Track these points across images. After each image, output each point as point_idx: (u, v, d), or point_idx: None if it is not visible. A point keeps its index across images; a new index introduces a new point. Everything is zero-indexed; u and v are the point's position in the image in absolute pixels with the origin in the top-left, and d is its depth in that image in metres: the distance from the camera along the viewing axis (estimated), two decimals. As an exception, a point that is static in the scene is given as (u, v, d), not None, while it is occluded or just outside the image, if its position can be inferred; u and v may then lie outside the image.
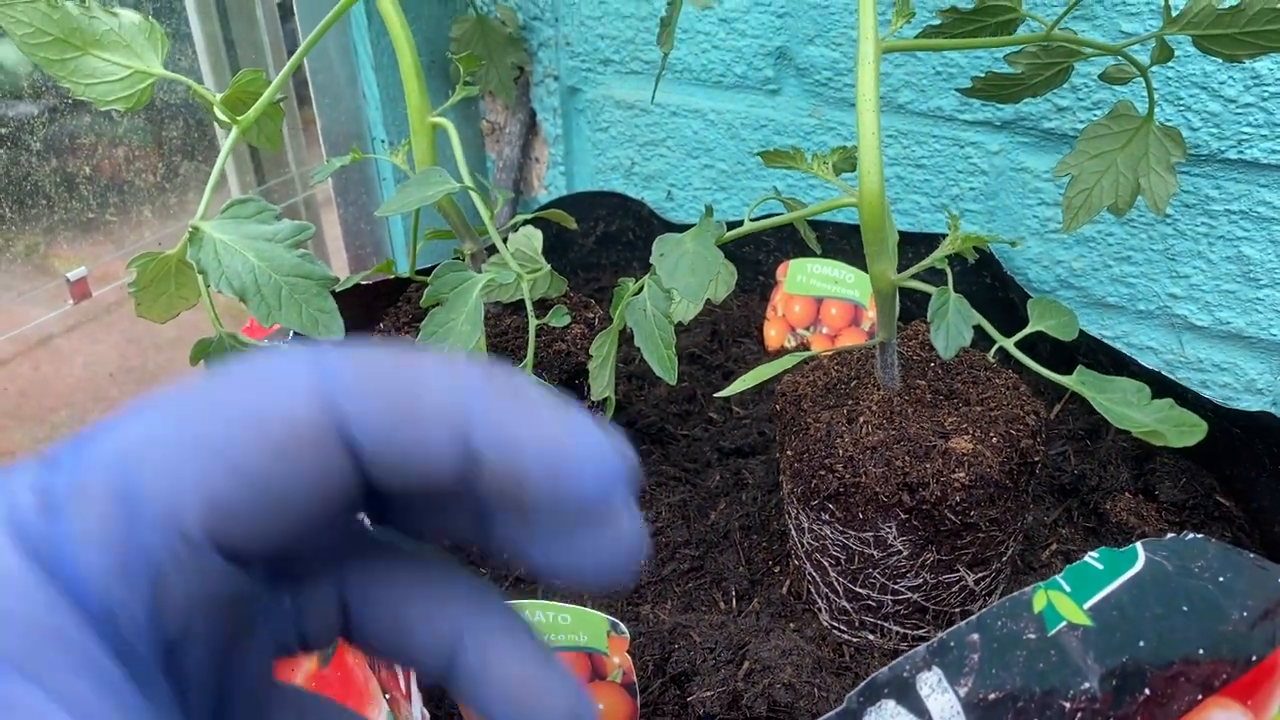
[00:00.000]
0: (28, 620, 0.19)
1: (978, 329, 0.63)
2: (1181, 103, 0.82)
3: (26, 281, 0.92)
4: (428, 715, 0.52)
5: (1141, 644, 0.50)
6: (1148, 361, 0.92)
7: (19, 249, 0.91)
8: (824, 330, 1.00)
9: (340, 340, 0.58)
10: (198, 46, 1.00)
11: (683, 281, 0.62)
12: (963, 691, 0.47)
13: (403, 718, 0.58)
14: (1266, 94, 0.78)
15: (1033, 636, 0.49)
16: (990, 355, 0.64)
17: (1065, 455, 0.84)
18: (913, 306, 0.97)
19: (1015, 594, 0.50)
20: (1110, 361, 0.84)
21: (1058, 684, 0.48)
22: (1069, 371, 0.63)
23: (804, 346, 1.00)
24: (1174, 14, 0.64)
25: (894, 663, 0.46)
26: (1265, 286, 0.84)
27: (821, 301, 1.00)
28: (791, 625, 0.71)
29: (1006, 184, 0.92)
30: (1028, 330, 0.62)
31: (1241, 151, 0.81)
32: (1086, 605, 0.51)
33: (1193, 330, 0.89)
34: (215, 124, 0.98)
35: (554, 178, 1.18)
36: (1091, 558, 0.53)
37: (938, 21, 0.70)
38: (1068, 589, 0.51)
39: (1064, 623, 0.50)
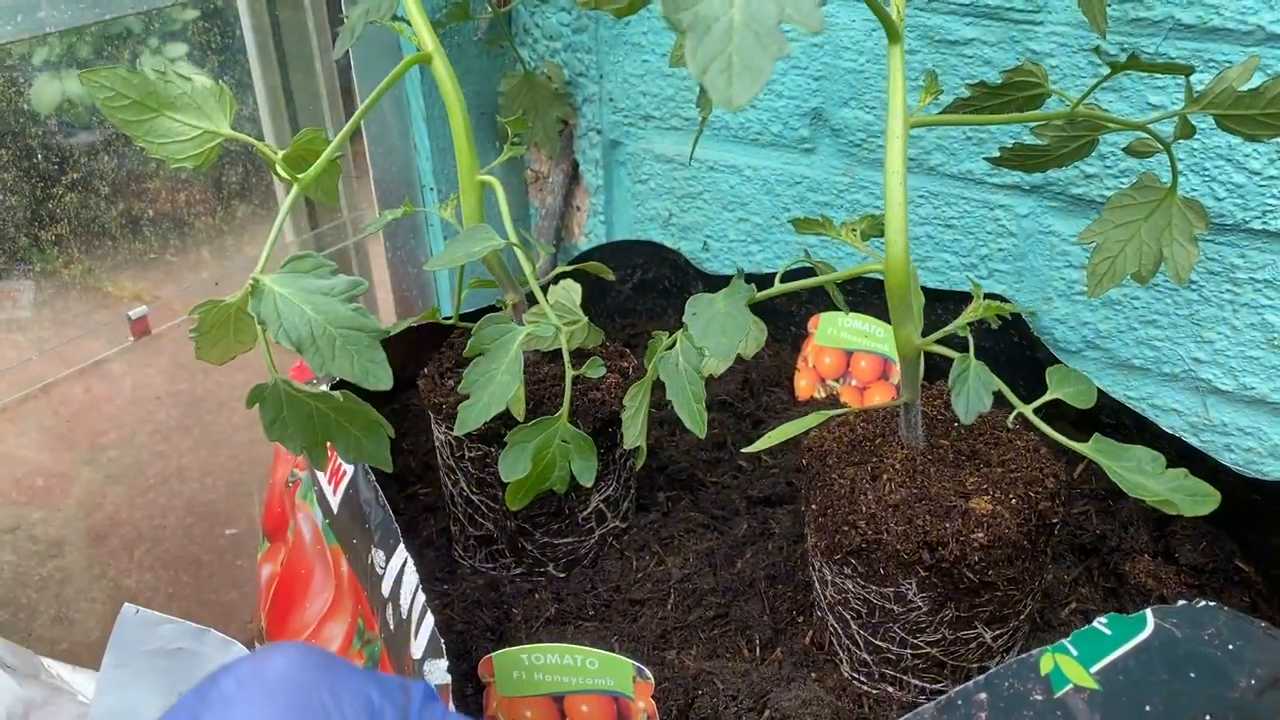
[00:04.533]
0: None
1: (1000, 393, 0.65)
2: (1207, 173, 0.84)
3: (89, 317, 0.96)
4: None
5: (1148, 709, 0.52)
6: (1172, 424, 0.93)
7: (82, 286, 0.95)
8: (853, 382, 1.02)
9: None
10: (259, 96, 1.05)
11: (714, 341, 0.65)
12: (970, 749, 0.49)
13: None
14: (1291, 168, 0.80)
15: (1039, 698, 0.51)
16: (1010, 420, 0.66)
17: (1087, 515, 0.85)
18: (940, 363, 0.99)
19: (1023, 656, 0.52)
20: (1133, 424, 0.86)
21: (1064, 745, 0.50)
22: (1091, 432, 0.65)
23: (833, 398, 1.03)
24: (1196, 94, 0.67)
25: (903, 718, 0.48)
26: (1289, 354, 0.85)
27: (851, 354, 1.02)
28: (813, 675, 0.73)
29: (1035, 246, 0.95)
30: (1045, 399, 0.65)
31: (1266, 222, 0.83)
32: (1094, 669, 0.52)
33: (1217, 394, 0.90)
34: (274, 175, 1.03)
35: (594, 226, 1.22)
36: (1100, 623, 0.55)
37: (967, 94, 0.73)
38: (1075, 653, 0.53)
39: (1070, 685, 0.52)
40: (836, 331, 1.03)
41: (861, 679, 0.72)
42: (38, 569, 1.02)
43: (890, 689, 0.71)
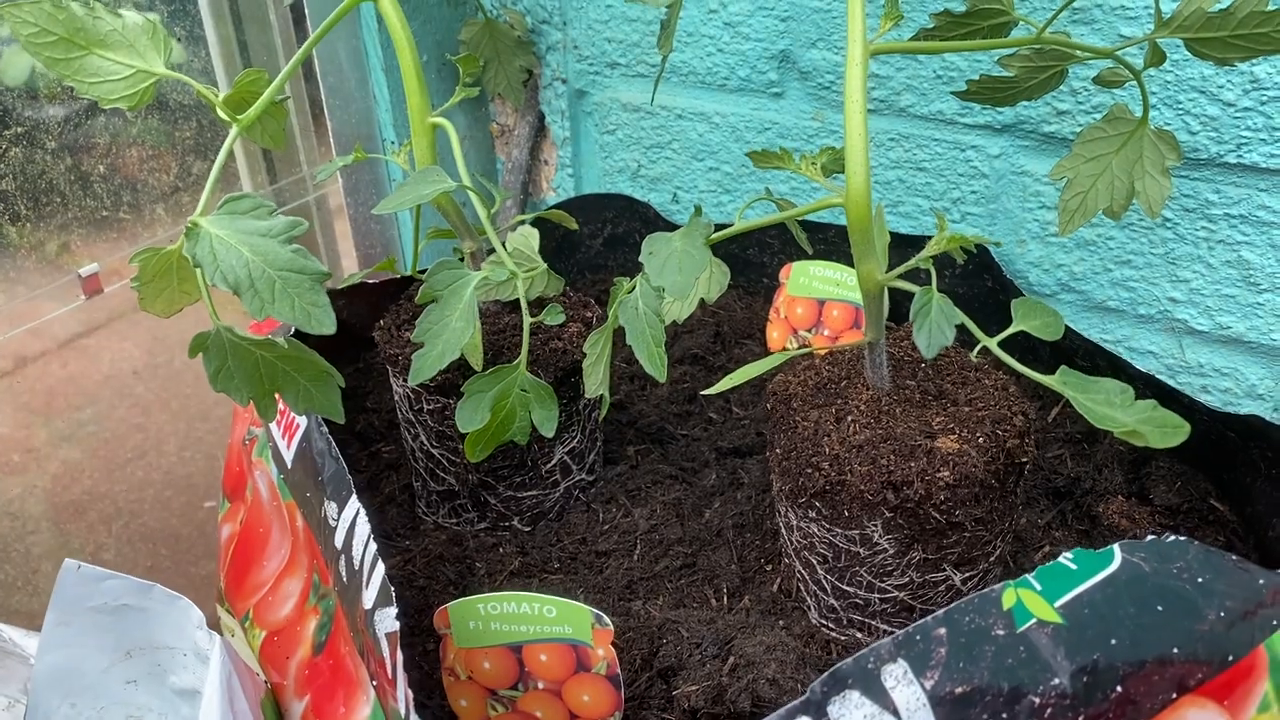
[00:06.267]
0: None
1: (965, 329, 0.63)
2: (1180, 106, 0.82)
3: (41, 277, 0.94)
4: (410, 697, 0.53)
5: (1114, 642, 0.50)
6: (1149, 366, 0.92)
7: (33, 246, 0.93)
8: (825, 332, 1.00)
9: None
10: (212, 49, 1.02)
11: (670, 279, 0.63)
12: (929, 684, 0.47)
13: (389, 704, 0.59)
14: (1265, 98, 0.78)
15: (1001, 633, 0.49)
16: (973, 355, 0.65)
17: (1061, 459, 0.84)
18: (908, 306, 0.97)
19: (984, 591, 0.50)
20: (1107, 365, 0.84)
21: (1026, 680, 0.49)
22: (1065, 376, 0.63)
23: (806, 348, 1.01)
24: (1166, 17, 0.65)
25: (859, 654, 0.46)
26: (1265, 291, 0.84)
27: (824, 304, 1.00)
28: (780, 622, 0.72)
29: (1007, 187, 0.93)
30: (1010, 330, 0.63)
31: (1240, 155, 0.81)
32: (1057, 603, 0.51)
33: (1193, 335, 0.89)
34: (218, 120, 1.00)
35: (562, 180, 1.19)
36: (1066, 558, 0.54)
37: (932, 25, 0.70)
38: (1038, 587, 0.51)
39: (1033, 620, 0.50)
40: (808, 281, 1.01)
41: (829, 625, 0.71)
42: (15, 544, 1.00)
43: (859, 634, 0.70)
